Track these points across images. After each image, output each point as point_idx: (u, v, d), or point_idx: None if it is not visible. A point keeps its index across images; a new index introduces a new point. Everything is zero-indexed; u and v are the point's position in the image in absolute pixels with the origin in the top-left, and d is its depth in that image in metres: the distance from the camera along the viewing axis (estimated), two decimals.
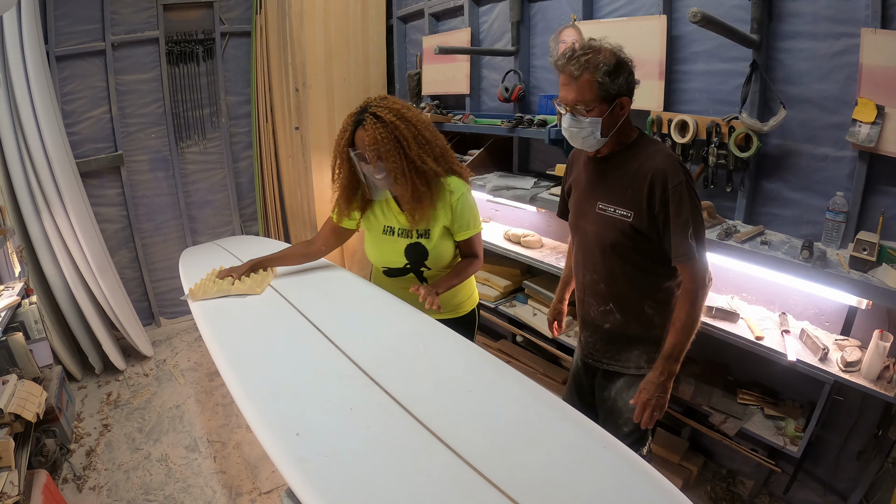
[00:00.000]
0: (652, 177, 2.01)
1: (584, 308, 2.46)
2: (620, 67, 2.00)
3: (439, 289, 2.39)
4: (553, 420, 1.69)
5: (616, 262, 2.22)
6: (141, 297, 5.55)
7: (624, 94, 2.04)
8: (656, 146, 2.12)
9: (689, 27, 2.87)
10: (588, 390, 2.60)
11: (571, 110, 2.05)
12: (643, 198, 2.04)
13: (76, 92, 4.80)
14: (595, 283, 2.33)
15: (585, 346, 2.51)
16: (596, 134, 2.06)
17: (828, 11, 2.49)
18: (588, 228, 2.28)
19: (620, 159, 2.15)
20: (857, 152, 2.45)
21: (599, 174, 2.22)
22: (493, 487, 1.41)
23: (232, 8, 5.40)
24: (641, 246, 2.14)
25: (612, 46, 2.03)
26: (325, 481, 1.43)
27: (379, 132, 2.22)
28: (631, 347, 2.33)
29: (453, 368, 1.97)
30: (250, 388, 1.86)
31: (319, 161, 4.97)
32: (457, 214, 2.45)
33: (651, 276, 2.23)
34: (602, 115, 2.02)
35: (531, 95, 3.98)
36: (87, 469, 3.54)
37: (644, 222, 2.07)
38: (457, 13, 4.52)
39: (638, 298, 2.26)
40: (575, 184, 2.40)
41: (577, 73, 1.97)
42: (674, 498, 1.41)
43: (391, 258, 2.57)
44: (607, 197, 2.17)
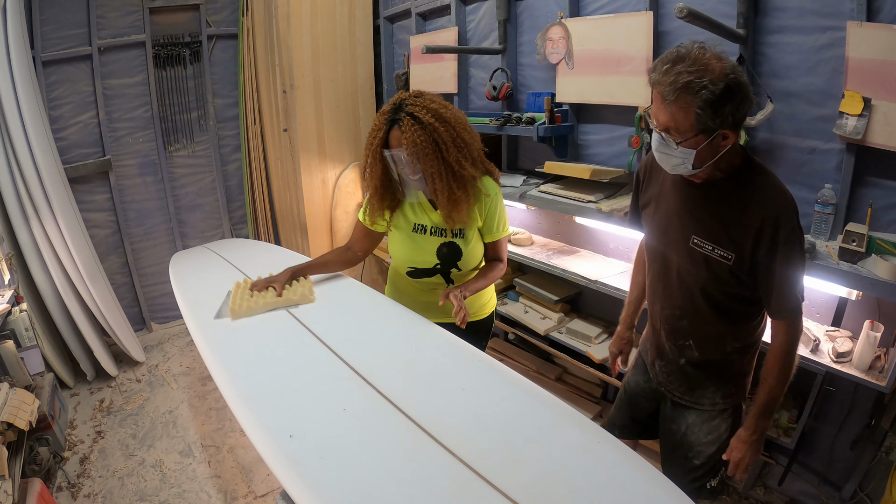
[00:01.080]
0: (763, 219, 1.71)
1: (656, 337, 2.21)
2: (729, 95, 1.57)
3: (466, 292, 2.32)
4: (548, 417, 1.70)
5: (704, 302, 1.95)
6: (132, 302, 5.52)
7: (728, 127, 1.63)
8: (767, 178, 1.77)
9: (676, 23, 2.87)
10: (646, 412, 2.40)
11: (661, 133, 1.72)
12: (749, 241, 1.75)
13: (63, 97, 4.77)
14: (675, 318, 2.07)
15: (659, 375, 2.25)
16: (687, 165, 1.72)
17: (813, 5, 2.50)
18: (674, 261, 1.99)
19: (724, 189, 1.81)
20: (844, 144, 2.46)
21: (696, 202, 1.89)
22: (489, 485, 1.41)
23: (218, 10, 5.38)
24: (736, 290, 1.88)
25: (725, 65, 1.60)
26: (320, 483, 1.44)
27: (417, 134, 2.13)
28: (707, 384, 2.10)
29: (446, 367, 1.97)
30: (243, 391, 1.86)
31: (308, 163, 4.96)
32: (489, 216, 2.41)
33: (738, 317, 1.97)
34: (697, 146, 1.67)
35: (519, 93, 3.99)
36: (82, 476, 3.52)
37: (745, 267, 1.79)
38: (443, 12, 4.52)
39: (721, 338, 2.01)
40: (658, 202, 2.06)
41: (672, 98, 1.60)
42: (670, 492, 1.42)
43: (421, 257, 2.48)
44: (705, 232, 1.86)
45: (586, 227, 3.69)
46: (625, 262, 3.47)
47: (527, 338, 3.89)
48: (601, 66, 3.24)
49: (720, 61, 1.59)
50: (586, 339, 3.41)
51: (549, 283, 3.78)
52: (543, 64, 3.60)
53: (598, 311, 3.71)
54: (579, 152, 3.64)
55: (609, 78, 3.22)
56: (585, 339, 3.41)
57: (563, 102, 3.55)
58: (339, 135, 5.12)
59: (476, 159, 2.31)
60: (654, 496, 1.40)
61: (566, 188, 3.31)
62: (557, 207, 3.31)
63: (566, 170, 3.28)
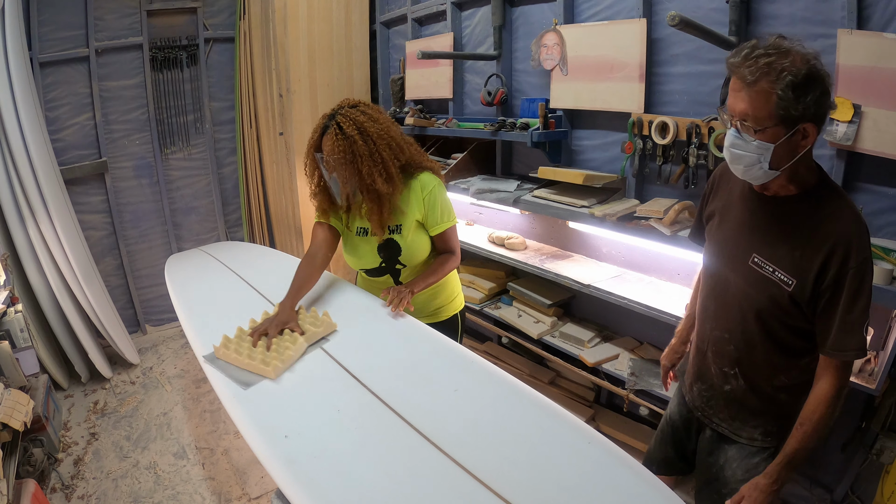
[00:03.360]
0: (834, 244, 1.56)
1: (701, 359, 2.05)
2: (812, 82, 1.46)
3: (415, 287, 2.40)
4: (539, 417, 1.72)
5: (757, 329, 1.80)
6: (126, 304, 5.52)
7: (810, 118, 1.50)
8: (843, 201, 1.63)
9: (669, 30, 2.90)
10: (688, 444, 2.24)
11: (738, 125, 1.59)
12: (815, 266, 1.60)
13: (60, 98, 4.78)
14: (723, 342, 1.92)
15: (696, 399, 2.11)
16: (763, 164, 1.58)
17: (805, 13, 2.53)
18: (731, 279, 1.85)
19: (796, 206, 1.68)
20: (834, 150, 2.48)
21: (763, 218, 1.76)
22: (480, 485, 1.43)
23: (216, 14, 5.40)
24: (793, 320, 1.72)
25: (806, 52, 1.49)
26: (315, 482, 1.46)
27: (337, 143, 2.25)
28: (747, 417, 1.95)
29: (439, 369, 1.99)
30: (238, 392, 1.87)
31: (304, 166, 4.95)
32: (429, 208, 2.45)
33: (792, 351, 1.80)
34: (776, 140, 1.53)
35: (514, 99, 4.00)
36: (76, 478, 3.53)
37: (806, 295, 1.64)
38: (439, 18, 4.54)
39: (769, 372, 1.85)
40: (722, 214, 1.93)
41: (752, 79, 1.49)
42: (659, 491, 1.44)
43: (367, 259, 2.56)
44: (768, 251, 1.72)
45: (579, 232, 3.70)
46: (617, 267, 3.49)
47: (520, 341, 3.90)
48: (595, 73, 3.27)
49: (802, 48, 1.49)
50: (579, 343, 3.42)
51: (543, 288, 3.79)
52: (538, 70, 3.63)
53: (592, 315, 3.73)
54: (573, 158, 3.66)
55: (603, 84, 3.24)
56: (578, 343, 3.42)
57: (558, 108, 3.57)
58: None
59: (392, 174, 2.33)
60: (643, 495, 1.42)
61: (560, 193, 3.32)
62: (551, 212, 3.32)
63: (560, 175, 3.30)
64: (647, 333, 3.39)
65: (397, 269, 2.57)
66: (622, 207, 3.03)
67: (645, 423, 3.44)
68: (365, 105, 2.37)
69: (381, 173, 2.29)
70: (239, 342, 2.13)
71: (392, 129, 2.39)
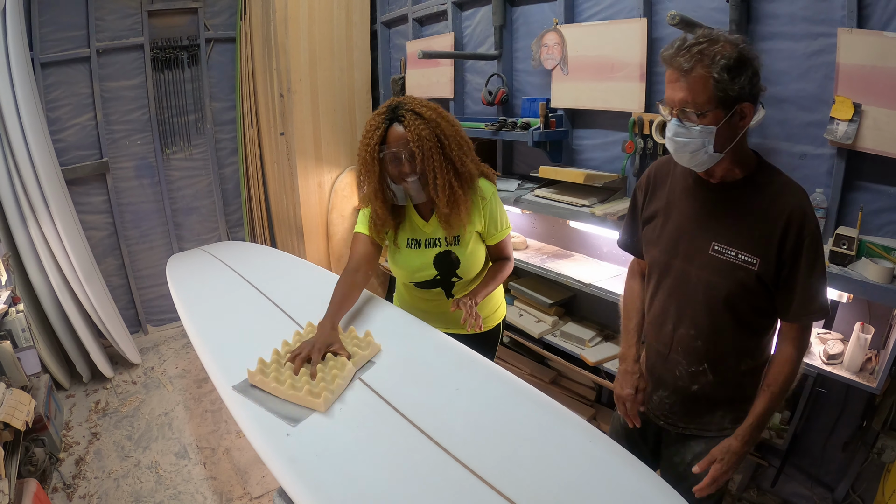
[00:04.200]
0: (789, 216, 1.62)
1: (664, 365, 1.99)
2: (743, 64, 1.54)
3: (477, 297, 2.25)
4: (541, 416, 1.72)
5: (726, 316, 1.80)
6: (128, 304, 5.53)
7: (746, 98, 1.58)
8: (785, 177, 1.72)
9: (669, 29, 2.89)
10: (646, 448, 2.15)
11: (678, 114, 1.63)
12: (775, 241, 1.65)
13: (61, 99, 4.79)
14: (690, 338, 1.88)
15: (658, 407, 2.04)
16: (708, 147, 1.62)
17: (805, 12, 2.53)
18: (691, 273, 1.83)
19: (743, 190, 1.73)
20: (835, 149, 2.49)
21: (715, 206, 1.78)
22: (483, 483, 1.44)
23: (217, 14, 5.41)
24: (759, 299, 1.75)
25: (733, 38, 1.57)
26: (317, 480, 1.46)
27: (421, 128, 2.06)
28: (715, 409, 1.94)
29: (441, 368, 1.99)
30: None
31: (305, 166, 4.98)
32: (490, 218, 2.31)
33: (757, 332, 1.84)
34: (717, 122, 1.59)
35: (514, 98, 4.01)
36: (77, 478, 3.53)
37: (771, 271, 1.68)
38: (440, 18, 4.55)
39: (736, 357, 1.86)
40: (667, 213, 1.92)
41: (688, 66, 1.54)
42: (661, 490, 1.44)
43: (421, 273, 2.37)
44: (726, 237, 1.74)
45: (580, 231, 3.71)
46: (618, 266, 3.50)
47: (521, 341, 3.90)
48: (595, 72, 3.28)
49: (729, 35, 1.57)
50: (580, 343, 3.42)
51: (544, 287, 3.80)
52: (538, 69, 3.64)
53: (592, 314, 3.73)
54: (574, 157, 3.67)
55: (603, 84, 3.25)
56: (579, 342, 3.43)
57: (558, 108, 3.58)
58: (335, 139, 5.14)
59: (475, 158, 2.27)
60: (645, 493, 1.43)
61: (560, 192, 3.33)
62: (552, 211, 3.33)
63: (560, 174, 3.30)
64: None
65: (452, 282, 2.42)
66: (623, 206, 3.03)
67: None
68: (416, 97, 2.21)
69: (468, 154, 2.21)
70: (278, 368, 1.92)
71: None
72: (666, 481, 1.95)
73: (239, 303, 2.62)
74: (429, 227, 2.33)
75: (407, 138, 2.08)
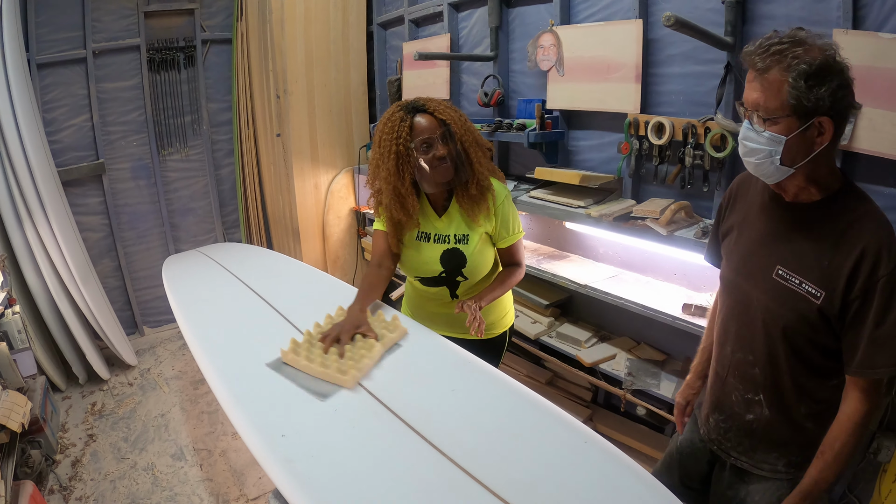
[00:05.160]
0: (863, 250, 1.45)
1: (720, 387, 1.90)
2: (827, 72, 1.37)
3: (482, 301, 2.22)
4: (535, 417, 1.73)
5: (784, 349, 1.66)
6: (124, 305, 5.53)
7: (825, 112, 1.40)
8: (871, 206, 1.53)
9: (665, 31, 2.90)
10: (699, 476, 2.09)
11: (750, 116, 1.52)
12: (843, 276, 1.48)
13: (58, 100, 4.80)
14: (747, 364, 1.78)
15: (712, 431, 1.95)
16: (775, 158, 1.49)
17: (801, 13, 2.53)
18: (753, 295, 1.71)
19: (821, 213, 1.57)
20: None
21: (787, 227, 1.64)
22: (478, 484, 1.44)
23: (213, 15, 5.42)
24: (822, 337, 1.59)
25: (824, 44, 1.40)
26: (312, 481, 1.46)
27: (449, 112, 2.16)
28: (771, 448, 1.80)
29: (436, 369, 2.00)
30: (236, 392, 1.88)
31: (301, 168, 4.99)
32: (501, 219, 2.31)
33: (819, 373, 1.67)
34: (788, 132, 1.44)
35: (510, 100, 4.01)
36: (73, 480, 3.53)
37: (836, 308, 1.51)
38: (436, 19, 4.55)
39: (797, 396, 1.71)
40: (741, 228, 1.81)
41: (762, 66, 1.42)
42: (656, 490, 1.44)
43: (426, 267, 2.37)
44: (793, 262, 1.60)
45: (576, 232, 3.71)
46: (615, 267, 3.49)
47: (517, 342, 3.90)
48: (591, 73, 3.27)
49: (820, 39, 1.40)
50: (576, 344, 3.42)
51: (540, 288, 3.79)
52: (534, 71, 3.63)
53: (589, 315, 3.73)
54: (569, 158, 3.67)
55: (599, 85, 3.25)
56: (575, 343, 3.43)
57: (554, 109, 3.57)
58: (331, 140, 5.15)
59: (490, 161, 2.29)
60: (640, 494, 1.43)
61: (556, 194, 3.33)
62: (547, 213, 3.33)
63: (556, 175, 3.30)
64: (645, 333, 3.38)
65: (457, 282, 2.40)
66: (618, 208, 3.04)
67: (642, 423, 3.44)
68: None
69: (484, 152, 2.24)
70: (309, 347, 2.04)
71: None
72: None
73: (235, 305, 2.62)
74: (441, 223, 2.33)
75: (436, 123, 2.14)
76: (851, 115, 1.45)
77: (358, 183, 5.31)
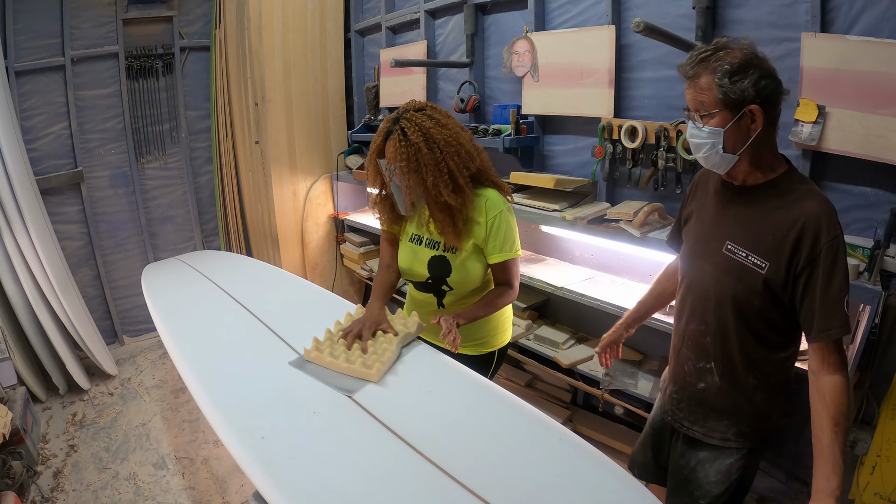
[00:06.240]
0: (803, 224, 1.61)
1: (677, 360, 2.07)
2: (747, 66, 1.59)
3: (461, 318, 2.17)
4: (511, 417, 1.76)
5: (733, 318, 1.82)
6: (103, 315, 5.50)
7: (752, 100, 1.61)
8: (810, 186, 1.72)
9: (637, 36, 2.94)
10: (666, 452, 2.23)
11: (692, 117, 1.73)
12: (787, 248, 1.65)
13: (36, 108, 4.78)
14: (700, 334, 1.94)
15: (668, 402, 2.12)
16: (718, 148, 1.68)
17: (770, 17, 2.60)
18: (706, 270, 1.89)
19: (765, 194, 1.75)
20: (800, 151, 2.55)
21: (735, 208, 1.83)
22: (453, 481, 1.47)
23: (191, 22, 5.41)
24: (768, 307, 1.76)
25: (744, 45, 1.63)
26: (291, 482, 1.49)
27: (400, 151, 2.07)
28: (721, 417, 1.95)
29: (412, 371, 2.03)
30: (215, 396, 1.90)
31: (279, 175, 4.99)
32: (492, 232, 2.21)
33: (766, 344, 1.84)
34: (724, 124, 1.65)
35: (486, 105, 4.06)
36: (55, 490, 3.51)
37: (780, 278, 1.68)
38: (413, 26, 4.58)
39: (745, 365, 1.87)
40: (698, 213, 2.00)
41: (693, 73, 1.65)
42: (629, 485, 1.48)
43: (415, 269, 2.36)
44: (740, 237, 1.78)
45: (552, 236, 3.74)
46: (590, 269, 3.55)
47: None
48: (565, 79, 3.32)
49: (740, 41, 1.64)
50: (554, 346, 3.45)
51: None
52: (510, 77, 3.68)
53: (565, 317, 3.76)
54: (545, 163, 3.72)
55: (573, 90, 3.30)
56: (553, 345, 3.46)
57: (529, 114, 3.62)
58: (309, 147, 5.16)
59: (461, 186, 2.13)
60: (613, 489, 1.46)
61: (532, 198, 3.37)
62: (523, 216, 3.34)
63: (531, 180, 3.34)
64: None
65: (443, 290, 2.37)
66: (593, 210, 3.08)
67: (621, 422, 3.48)
68: (433, 108, 2.17)
69: (447, 184, 2.10)
70: (332, 345, 2.11)
71: (462, 136, 2.18)
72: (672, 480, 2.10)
73: (215, 312, 2.63)
74: (433, 227, 2.28)
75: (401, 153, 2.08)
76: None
77: (336, 190, 5.32)
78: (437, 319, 2.13)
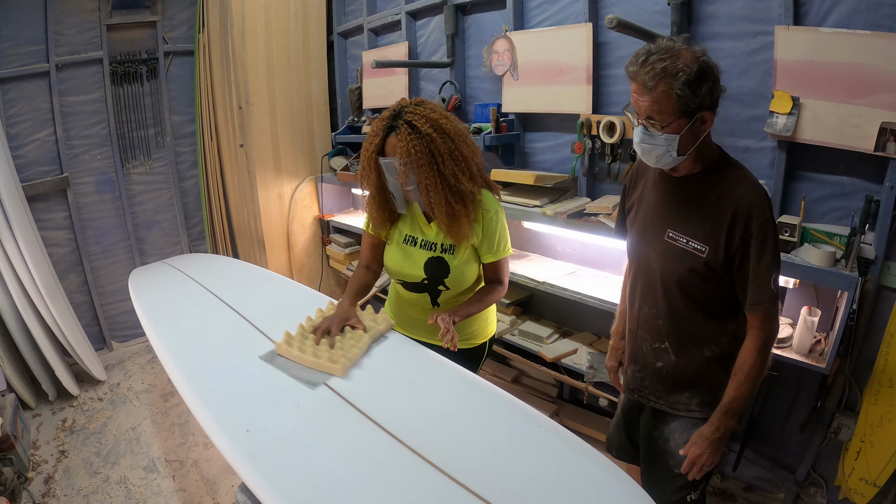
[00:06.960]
0: (735, 209, 1.74)
1: (634, 342, 2.17)
2: (704, 76, 1.64)
3: (456, 316, 2.19)
4: (491, 406, 1.80)
5: (681, 299, 1.94)
6: (91, 321, 5.49)
7: (706, 107, 1.69)
8: (742, 172, 1.82)
9: (614, 34, 2.98)
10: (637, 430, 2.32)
11: (644, 123, 1.76)
12: (722, 232, 1.77)
13: (21, 114, 4.76)
14: (652, 317, 2.05)
15: (631, 381, 2.22)
16: (672, 152, 1.75)
17: (744, 12, 2.65)
18: (652, 258, 1.99)
19: (700, 182, 1.86)
20: (776, 142, 2.61)
21: (673, 197, 1.93)
22: (438, 471, 1.51)
23: (175, 27, 5.41)
24: (712, 286, 1.88)
25: (694, 50, 1.67)
26: (277, 473, 1.52)
27: (412, 143, 2.02)
28: (682, 389, 2.06)
29: (394, 364, 2.07)
30: (200, 390, 1.93)
31: (264, 178, 5.00)
32: (487, 233, 2.24)
33: (716, 319, 1.95)
34: (680, 131, 1.71)
35: (467, 105, 4.09)
36: (47, 496, 3.51)
37: (720, 260, 1.80)
38: (395, 28, 4.61)
39: (698, 340, 1.99)
40: (640, 203, 2.08)
41: (652, 84, 1.65)
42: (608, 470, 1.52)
43: (409, 270, 2.32)
44: (680, 225, 1.88)
45: (534, 232, 3.79)
46: (572, 264, 3.59)
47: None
48: (544, 77, 3.37)
49: (689, 48, 1.67)
50: (538, 340, 3.48)
51: None
52: (490, 76, 3.72)
53: (549, 312, 3.80)
54: (526, 160, 3.76)
55: (552, 87, 3.34)
56: (537, 339, 3.49)
57: (509, 112, 3.67)
58: (294, 149, 5.17)
59: (474, 174, 2.17)
60: (592, 474, 1.51)
61: (513, 194, 3.41)
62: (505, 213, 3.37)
63: (512, 176, 3.38)
64: (605, 327, 3.42)
65: (438, 290, 2.35)
66: (573, 205, 3.12)
67: (606, 414, 3.51)
68: (429, 102, 2.16)
69: (464, 171, 2.12)
70: (302, 340, 2.15)
71: (464, 128, 2.20)
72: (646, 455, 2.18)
73: (203, 314, 2.64)
74: (430, 230, 2.29)
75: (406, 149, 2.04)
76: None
77: (321, 191, 5.34)
78: (433, 319, 2.15)
